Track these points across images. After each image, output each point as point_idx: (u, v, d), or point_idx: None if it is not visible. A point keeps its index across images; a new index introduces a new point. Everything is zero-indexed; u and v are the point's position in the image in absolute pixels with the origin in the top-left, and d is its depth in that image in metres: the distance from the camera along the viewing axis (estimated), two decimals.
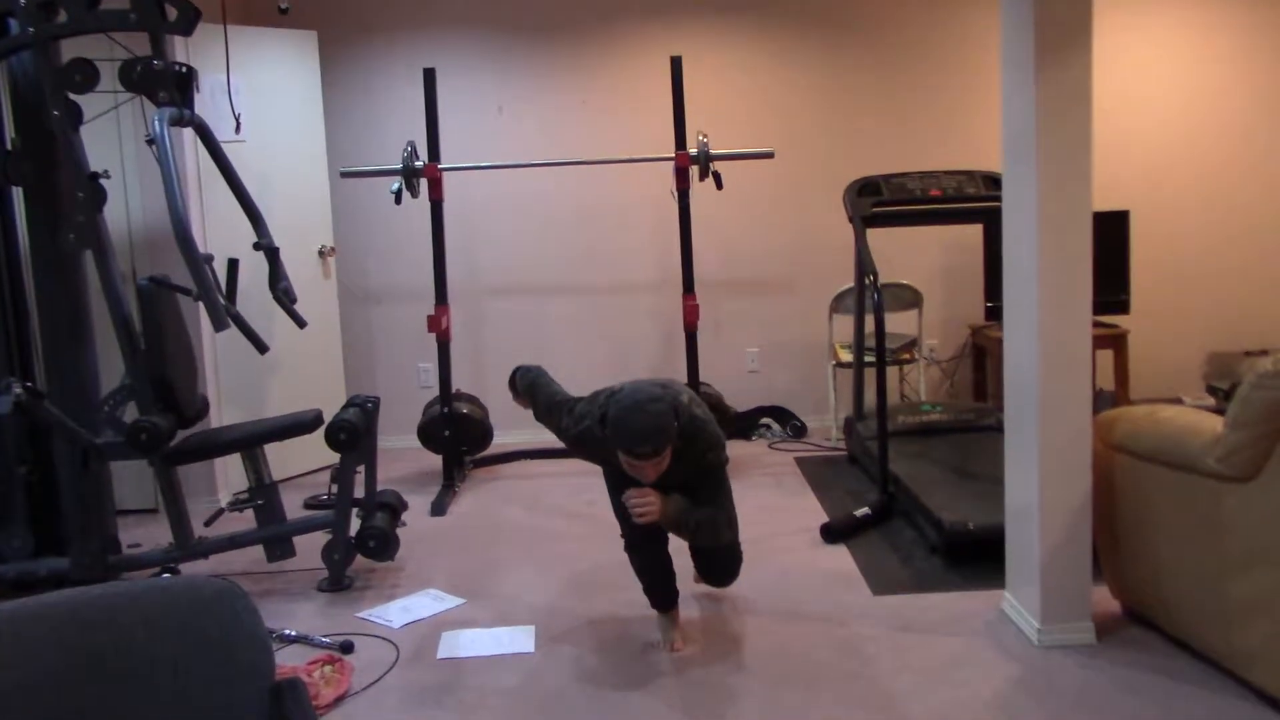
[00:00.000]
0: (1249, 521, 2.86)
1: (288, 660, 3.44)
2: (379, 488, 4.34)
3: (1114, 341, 5.65)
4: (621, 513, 3.42)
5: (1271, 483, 2.80)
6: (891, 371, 6.24)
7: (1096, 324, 5.51)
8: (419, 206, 5.74)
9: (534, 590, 4.05)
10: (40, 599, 1.82)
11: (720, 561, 3.54)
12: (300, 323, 4.43)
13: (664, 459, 3.09)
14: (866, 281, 4.97)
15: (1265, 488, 2.81)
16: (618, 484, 3.43)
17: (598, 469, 3.58)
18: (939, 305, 6.40)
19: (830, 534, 4.45)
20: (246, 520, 4.37)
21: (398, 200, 5.27)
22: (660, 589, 3.53)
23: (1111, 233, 5.60)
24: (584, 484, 5.43)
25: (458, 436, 5.54)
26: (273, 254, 4.35)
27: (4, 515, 4.15)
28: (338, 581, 4.14)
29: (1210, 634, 3.06)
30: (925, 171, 5.41)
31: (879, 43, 6.26)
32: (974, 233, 6.11)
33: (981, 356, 6.28)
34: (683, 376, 5.46)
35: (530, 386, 3.81)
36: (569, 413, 3.46)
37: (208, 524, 4.32)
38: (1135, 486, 3.28)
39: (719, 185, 5.30)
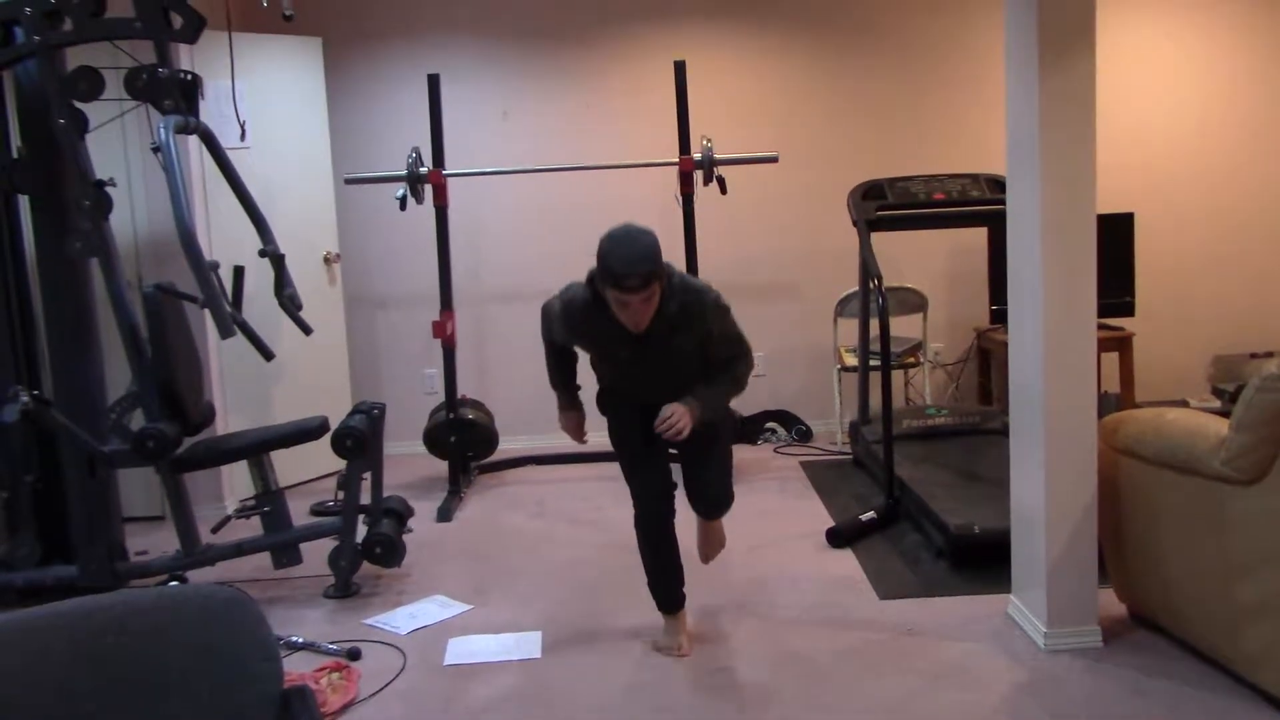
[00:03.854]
0: (1255, 524, 2.86)
1: (295, 667, 3.44)
2: (385, 494, 4.35)
3: (1119, 344, 5.64)
4: (634, 475, 3.43)
5: (1277, 485, 2.80)
6: (896, 375, 6.24)
7: (1101, 327, 5.49)
8: (424, 213, 5.75)
9: (540, 596, 4.05)
10: (48, 607, 1.83)
11: (716, 481, 3.51)
12: (306, 329, 4.43)
13: (653, 295, 3.04)
14: (871, 285, 4.97)
15: (1271, 490, 2.81)
16: (626, 438, 3.44)
17: (603, 476, 3.58)
18: (944, 308, 6.40)
19: (836, 538, 4.45)
20: (253, 527, 4.38)
21: (403, 206, 5.28)
22: (666, 579, 3.51)
23: (1116, 235, 5.60)
24: (590, 490, 5.43)
25: (463, 442, 5.54)
26: (278, 260, 4.36)
27: (12, 523, 4.16)
28: (344, 588, 4.14)
29: (1216, 637, 3.05)
30: (929, 175, 5.41)
31: (883, 46, 6.26)
32: (978, 236, 6.11)
33: (986, 360, 6.28)
34: None
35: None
36: (558, 297, 3.34)
37: (215, 531, 4.33)
38: (1141, 490, 3.27)
39: (723, 190, 5.31)
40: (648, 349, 3.21)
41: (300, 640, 3.67)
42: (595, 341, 3.30)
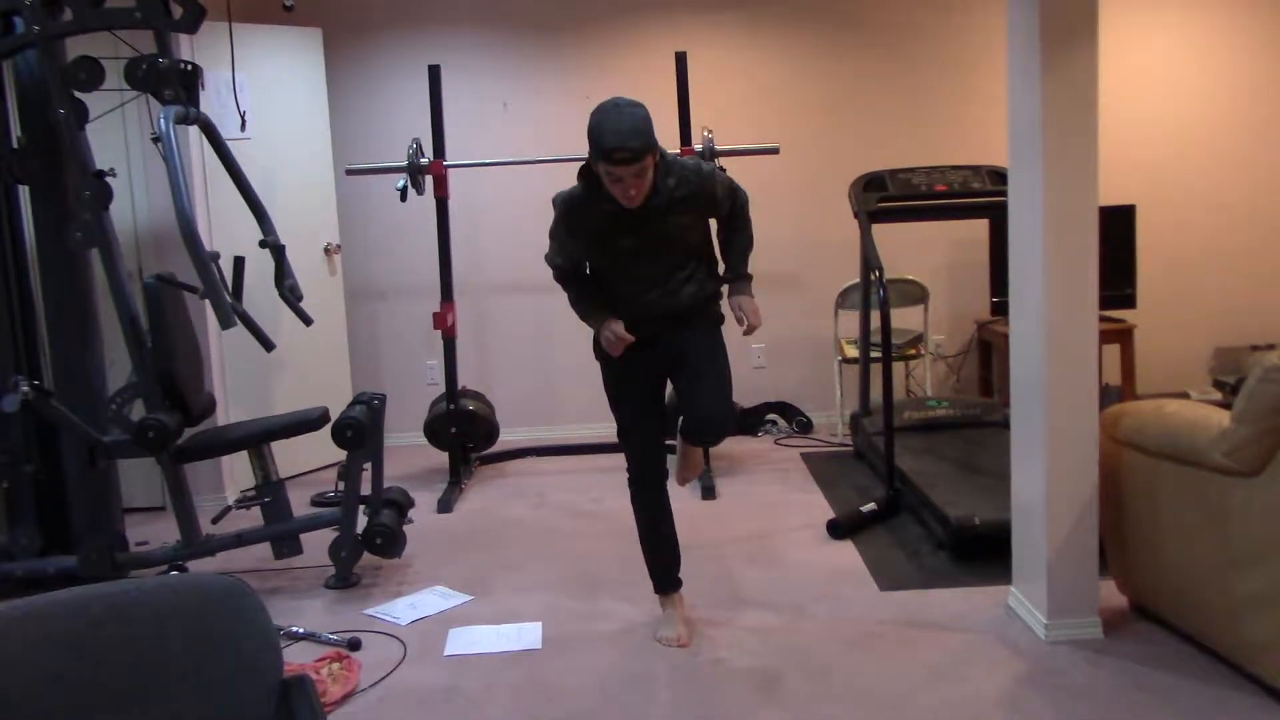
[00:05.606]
0: (1255, 515, 2.86)
1: (295, 658, 3.45)
2: (385, 485, 4.35)
3: (1120, 336, 5.64)
4: (631, 429, 3.42)
5: (1278, 477, 2.79)
6: (897, 367, 6.23)
7: (1103, 319, 5.50)
8: (424, 204, 5.74)
9: (541, 587, 4.05)
10: (48, 597, 1.83)
11: (713, 398, 3.32)
12: (306, 320, 4.43)
13: (646, 170, 3.02)
14: (872, 277, 4.96)
15: (1271, 482, 2.81)
16: (623, 389, 3.41)
17: (603, 468, 3.57)
18: (945, 301, 6.40)
19: (837, 530, 4.45)
20: (253, 518, 4.38)
21: (403, 197, 5.27)
22: (664, 552, 3.53)
23: (1118, 227, 5.59)
24: (591, 481, 5.43)
25: (464, 434, 5.54)
26: (278, 251, 4.36)
27: (12, 513, 4.16)
28: (345, 579, 4.14)
29: (1217, 628, 3.06)
30: (931, 166, 5.40)
31: (885, 37, 6.25)
32: (980, 228, 6.10)
33: (987, 352, 6.27)
34: None
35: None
36: (558, 205, 3.35)
37: (215, 521, 4.33)
38: (1142, 481, 3.27)
39: None
40: (649, 231, 3.19)
41: (300, 630, 3.67)
42: (597, 235, 3.26)
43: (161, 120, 3.72)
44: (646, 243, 3.22)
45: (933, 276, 6.32)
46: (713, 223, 3.42)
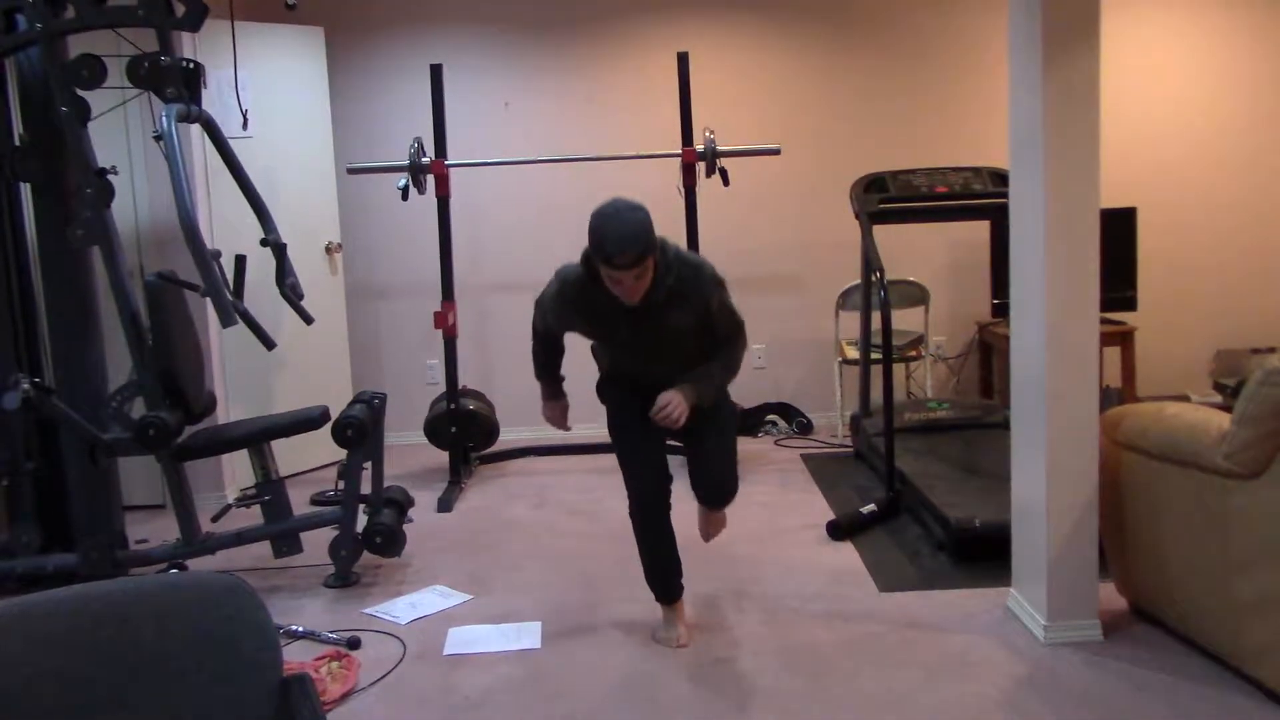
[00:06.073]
0: (1256, 518, 2.86)
1: (295, 656, 3.45)
2: (386, 484, 4.35)
3: (1121, 338, 5.64)
4: (630, 465, 3.42)
5: (1278, 480, 2.79)
6: (898, 368, 6.23)
7: (1104, 321, 5.50)
8: (426, 203, 5.75)
9: (540, 586, 4.05)
10: (48, 594, 1.83)
11: (720, 469, 3.45)
12: (307, 319, 4.43)
13: (646, 271, 3.03)
14: (873, 278, 4.96)
15: (1272, 484, 2.81)
16: (625, 427, 3.42)
17: (603, 468, 3.57)
18: (946, 302, 6.40)
19: (837, 531, 4.45)
20: (253, 516, 4.38)
21: (404, 196, 5.27)
22: (663, 570, 3.50)
23: (1119, 230, 5.59)
24: (591, 481, 5.43)
25: (464, 433, 5.54)
26: (279, 250, 4.36)
27: (13, 511, 4.17)
28: (344, 577, 4.14)
29: (1217, 631, 3.06)
30: (932, 168, 5.40)
31: (886, 38, 6.25)
32: (980, 229, 6.10)
33: (988, 353, 6.27)
34: None
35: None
36: (553, 280, 3.34)
37: (215, 520, 4.33)
38: (1142, 483, 3.27)
39: (725, 182, 5.30)
40: (645, 326, 3.19)
41: (300, 629, 3.67)
42: (592, 320, 3.27)
43: (163, 118, 3.72)
44: (642, 336, 3.23)
45: (933, 278, 6.32)
46: None
